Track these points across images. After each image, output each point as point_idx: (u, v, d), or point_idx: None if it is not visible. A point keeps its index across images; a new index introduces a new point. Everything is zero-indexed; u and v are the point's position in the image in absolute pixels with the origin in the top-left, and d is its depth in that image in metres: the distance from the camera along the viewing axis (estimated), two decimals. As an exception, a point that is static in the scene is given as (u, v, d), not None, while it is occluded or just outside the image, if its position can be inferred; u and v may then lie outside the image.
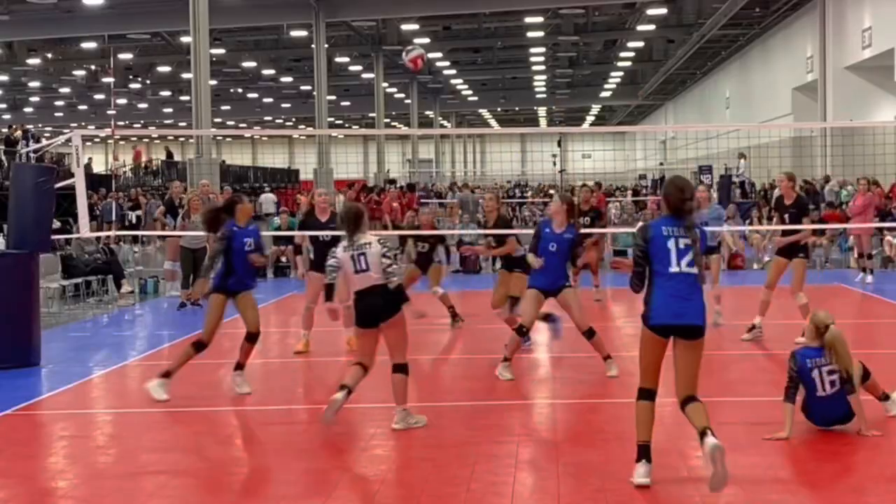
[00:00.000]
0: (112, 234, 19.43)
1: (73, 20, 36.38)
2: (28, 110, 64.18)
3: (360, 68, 50.59)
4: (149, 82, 55.58)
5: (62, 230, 18.98)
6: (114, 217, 25.99)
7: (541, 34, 42.27)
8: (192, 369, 9.04)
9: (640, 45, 46.39)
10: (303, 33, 40.29)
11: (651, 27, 40.44)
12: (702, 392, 8.59)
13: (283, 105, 66.29)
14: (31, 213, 10.69)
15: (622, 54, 48.74)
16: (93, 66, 50.70)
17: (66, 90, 57.48)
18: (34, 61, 47.03)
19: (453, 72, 53.45)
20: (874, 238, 19.05)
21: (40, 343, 10.66)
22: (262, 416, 8.09)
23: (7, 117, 59.37)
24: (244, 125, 73.50)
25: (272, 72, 52.27)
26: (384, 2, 36.28)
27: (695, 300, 5.92)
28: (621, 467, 6.17)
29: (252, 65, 50.02)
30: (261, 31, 44.72)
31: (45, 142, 18.15)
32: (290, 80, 55.31)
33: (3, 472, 6.61)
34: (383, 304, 7.31)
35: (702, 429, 5.80)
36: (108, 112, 58.21)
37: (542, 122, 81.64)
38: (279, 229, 19.15)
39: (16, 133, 29.94)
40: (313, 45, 36.47)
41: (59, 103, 63.75)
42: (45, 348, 10.76)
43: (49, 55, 47.49)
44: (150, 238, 21.91)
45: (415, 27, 40.40)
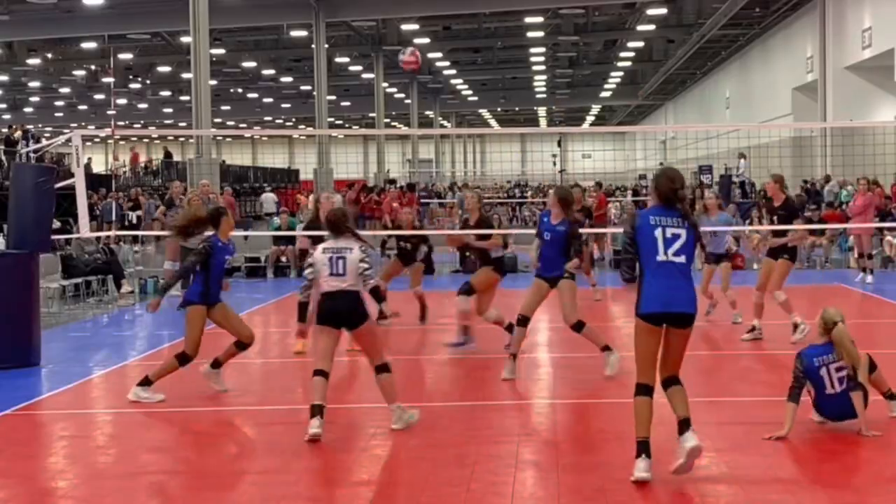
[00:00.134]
0: (112, 234, 19.42)
1: (73, 20, 36.39)
2: (28, 110, 64.19)
3: (360, 68, 50.60)
4: (149, 82, 55.59)
5: (62, 230, 18.98)
6: (114, 217, 25.98)
7: (541, 34, 42.27)
8: (193, 369, 9.03)
9: (640, 45, 46.39)
10: (303, 33, 40.29)
11: (651, 27, 40.44)
12: (701, 392, 8.65)
13: (283, 105, 66.31)
14: (31, 213, 10.69)
15: (622, 54, 48.74)
16: (93, 66, 50.71)
17: (66, 90, 57.49)
18: (34, 61, 47.04)
19: (453, 72, 53.45)
20: (874, 238, 19.04)
21: (40, 343, 10.65)
22: (263, 416, 8.08)
23: (7, 117, 59.37)
24: (244, 125, 73.52)
25: (272, 72, 52.29)
26: (384, 2, 36.29)
27: (684, 288, 5.98)
28: (621, 467, 6.17)
29: (252, 65, 50.03)
30: (261, 31, 44.73)
31: (45, 142, 18.16)
32: (290, 80, 55.32)
33: (3, 472, 6.61)
34: (351, 311, 7.31)
35: (682, 419, 5.97)
36: (108, 112, 58.20)
37: (542, 122, 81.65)
38: (279, 229, 19.16)
39: (16, 133, 29.94)
40: (313, 45, 36.47)
41: (59, 103, 63.76)
42: (45, 348, 10.75)
43: (49, 55, 47.50)
44: (148, 238, 21.91)
45: (415, 27, 40.41)
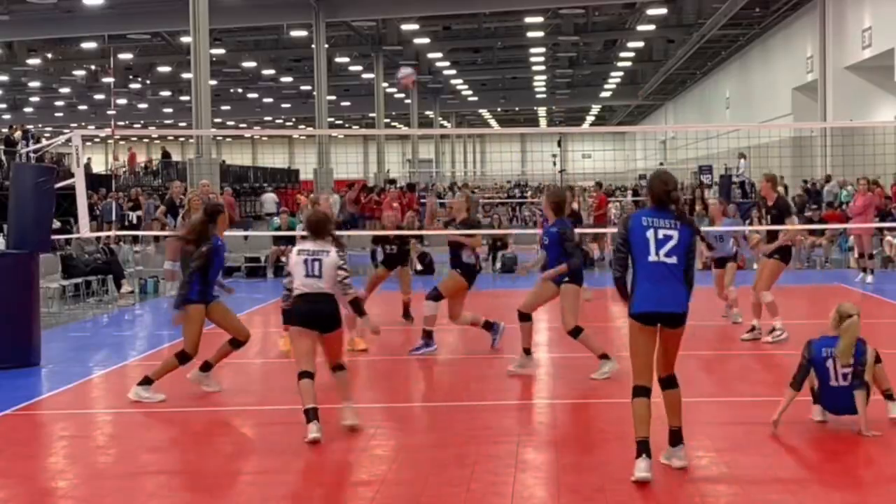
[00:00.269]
0: (112, 234, 19.42)
1: (73, 20, 36.38)
2: (28, 110, 64.18)
3: (360, 68, 50.60)
4: (149, 82, 55.59)
5: (62, 230, 18.97)
6: (114, 217, 25.97)
7: (541, 34, 42.27)
8: (193, 369, 9.04)
9: (640, 45, 46.38)
10: (303, 33, 40.29)
11: (651, 27, 40.44)
12: (701, 392, 8.66)
13: (283, 105, 66.31)
14: (31, 213, 10.68)
15: (622, 54, 48.74)
16: (93, 66, 50.71)
17: (66, 90, 57.49)
18: (34, 61, 47.03)
19: (453, 72, 53.45)
20: (874, 238, 19.04)
21: (40, 343, 10.65)
22: (262, 416, 8.08)
23: (7, 117, 59.37)
24: (244, 125, 73.51)
25: (272, 72, 52.28)
26: (384, 2, 36.29)
27: (674, 288, 6.06)
28: (621, 467, 6.17)
29: (252, 65, 50.02)
30: (261, 31, 44.73)
31: (45, 142, 18.15)
32: (290, 80, 55.32)
33: (3, 472, 6.61)
34: (327, 314, 7.33)
35: (674, 428, 6.15)
36: (108, 112, 58.19)
37: (542, 122, 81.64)
38: (279, 229, 19.14)
39: (15, 133, 29.93)
40: (313, 45, 36.47)
41: (59, 103, 63.75)
42: (45, 348, 10.75)
43: (49, 55, 47.49)
44: (148, 238, 21.90)
45: (415, 27, 40.42)
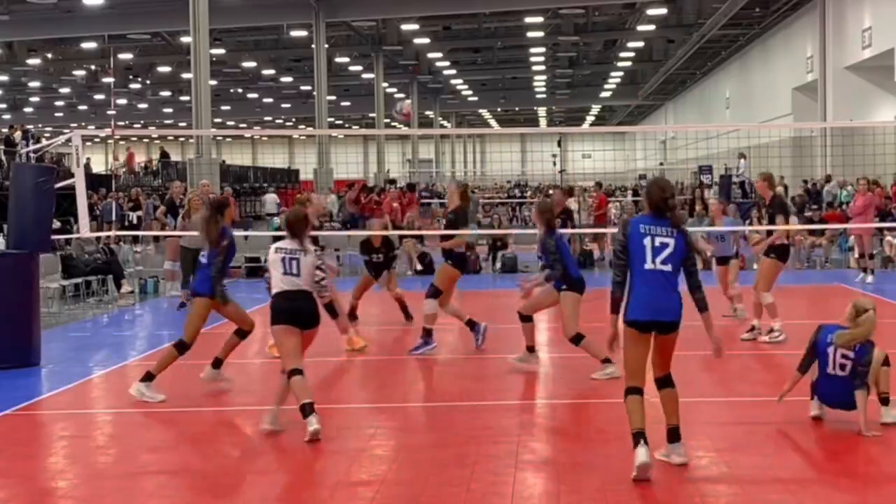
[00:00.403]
0: (112, 234, 19.42)
1: (73, 20, 36.37)
2: (28, 110, 64.18)
3: (360, 68, 50.59)
4: (149, 82, 55.58)
5: (62, 230, 18.97)
6: (114, 217, 25.97)
7: (541, 34, 42.26)
8: (193, 369, 9.05)
9: (640, 45, 46.37)
10: (303, 33, 40.29)
11: (651, 27, 40.43)
12: (701, 392, 8.66)
13: (283, 105, 66.30)
14: (31, 213, 10.68)
15: (622, 54, 48.74)
16: (93, 66, 50.69)
17: (66, 90, 57.48)
18: (34, 61, 47.01)
19: (453, 72, 53.44)
20: (874, 238, 19.03)
21: (40, 343, 10.65)
22: (262, 416, 8.06)
23: (7, 117, 59.37)
24: (244, 125, 73.51)
25: (272, 72, 52.27)
26: (384, 2, 36.29)
27: (670, 296, 6.13)
28: (621, 467, 6.17)
29: (252, 65, 50.01)
30: (261, 31, 44.72)
31: (45, 142, 18.15)
32: (290, 80, 55.32)
33: (3, 472, 6.61)
34: (309, 312, 7.41)
35: (672, 427, 6.22)
36: (108, 112, 58.17)
37: (542, 122, 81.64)
38: (279, 229, 19.18)
39: (15, 133, 29.93)
40: (313, 45, 36.47)
41: (59, 103, 63.74)
42: (45, 348, 10.75)
43: (49, 55, 47.48)
44: (147, 238, 21.90)
45: (415, 27, 40.43)
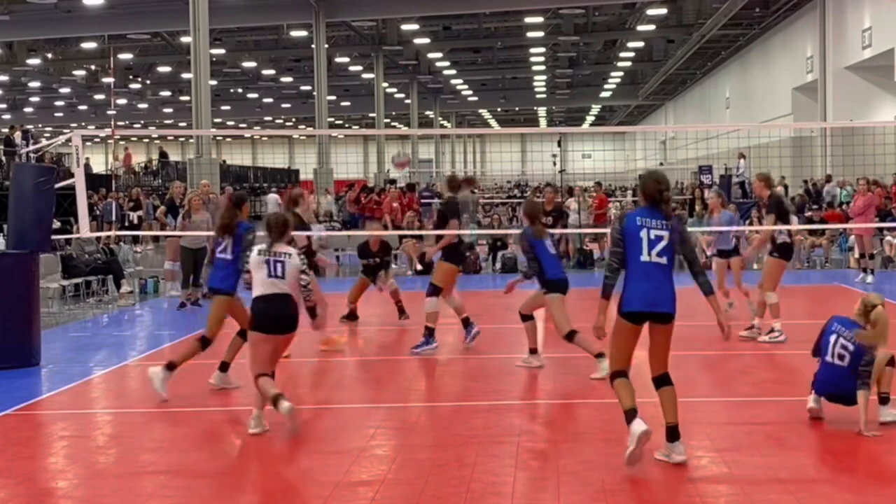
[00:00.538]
0: (112, 234, 19.42)
1: (73, 20, 36.37)
2: (28, 110, 64.19)
3: (360, 68, 50.60)
4: (149, 82, 55.58)
5: (62, 230, 18.97)
6: (114, 217, 25.98)
7: (541, 34, 42.27)
8: (194, 369, 9.05)
9: (640, 45, 46.39)
10: (303, 33, 40.30)
11: (651, 27, 40.44)
12: (701, 392, 8.67)
13: (283, 105, 66.30)
14: (31, 213, 10.68)
15: (622, 54, 48.75)
16: (93, 66, 50.71)
17: (66, 90, 57.47)
18: (34, 61, 47.01)
19: (453, 72, 53.45)
20: (874, 238, 19.03)
21: (40, 343, 10.65)
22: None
23: (7, 117, 59.37)
24: (244, 125, 73.52)
25: (272, 72, 52.28)
26: (384, 2, 36.29)
27: (665, 288, 6.25)
28: (622, 467, 6.17)
29: (252, 65, 50.02)
30: (261, 31, 44.73)
31: (45, 142, 18.16)
32: (290, 80, 55.32)
33: (3, 472, 6.61)
34: (289, 317, 7.43)
35: (671, 425, 6.26)
36: (108, 112, 58.23)
37: (542, 122, 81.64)
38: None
39: (15, 134, 29.94)
40: (313, 45, 36.46)
41: (59, 103, 63.75)
42: (45, 348, 10.75)
43: (49, 55, 47.48)
44: (145, 238, 21.90)
45: (415, 27, 40.44)
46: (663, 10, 37.39)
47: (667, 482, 6.01)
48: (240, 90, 60.75)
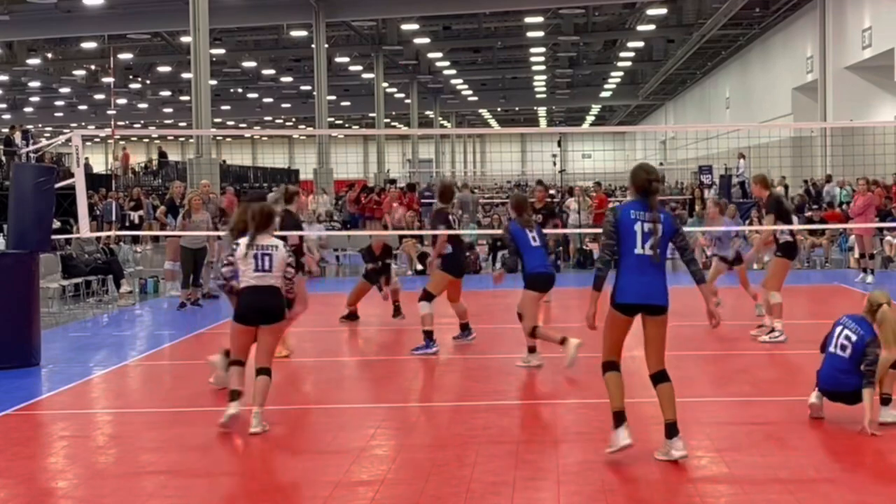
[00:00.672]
0: (112, 234, 19.42)
1: (73, 20, 36.37)
2: (28, 110, 64.19)
3: (360, 68, 50.60)
4: (149, 82, 55.59)
5: (62, 230, 18.97)
6: (114, 217, 25.99)
7: (541, 34, 42.27)
8: (194, 369, 9.05)
9: (640, 45, 46.39)
10: (303, 33, 40.30)
11: (651, 27, 40.45)
12: (702, 392, 8.67)
13: (283, 105, 66.31)
14: (31, 213, 10.68)
15: (622, 54, 48.75)
16: (93, 66, 50.71)
17: (66, 90, 57.47)
18: (34, 61, 47.02)
19: (453, 72, 53.45)
20: (874, 238, 19.02)
21: (40, 343, 10.65)
22: (263, 417, 8.06)
23: (7, 117, 59.36)
24: (244, 125, 73.52)
25: (272, 72, 52.28)
26: (384, 2, 36.30)
27: (657, 281, 6.35)
28: (622, 467, 6.18)
29: (252, 65, 50.02)
30: (261, 31, 44.73)
31: (44, 142, 18.15)
32: (290, 80, 55.32)
33: (3, 472, 6.61)
34: (273, 306, 7.46)
35: (670, 422, 6.29)
36: (108, 112, 58.22)
37: (542, 122, 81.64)
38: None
39: (15, 134, 29.94)
40: (313, 45, 36.47)
41: (59, 103, 63.75)
42: (45, 348, 10.75)
43: (49, 55, 47.48)
44: (144, 238, 21.89)
45: (415, 27, 40.44)
46: (663, 10, 37.39)
47: (667, 482, 6.01)
48: (240, 90, 60.76)
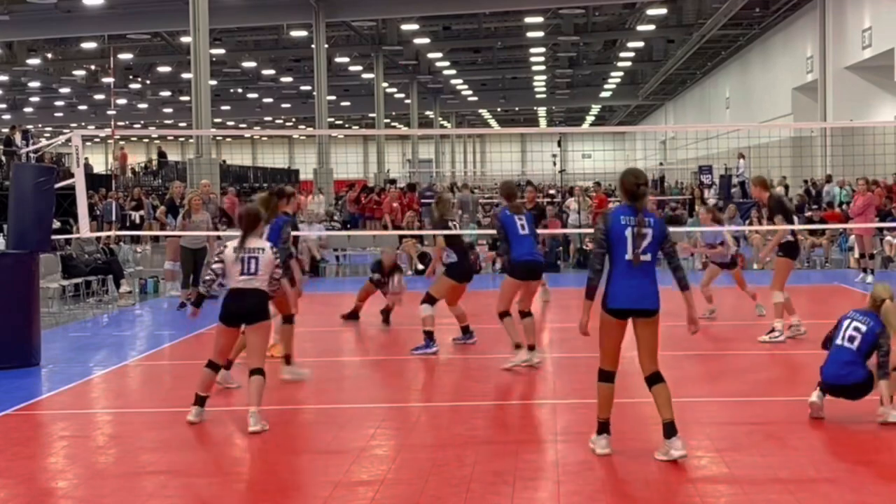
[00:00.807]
0: (112, 234, 19.42)
1: (73, 20, 36.35)
2: (28, 110, 64.17)
3: (360, 68, 50.59)
4: (149, 82, 55.56)
5: (62, 230, 18.97)
6: (114, 217, 25.98)
7: (541, 34, 42.26)
8: (194, 369, 9.04)
9: (640, 45, 46.37)
10: (303, 33, 40.29)
11: (651, 27, 40.43)
12: (702, 392, 8.67)
13: (283, 105, 66.28)
14: (31, 213, 10.68)
15: (622, 54, 48.73)
16: (93, 66, 50.68)
17: (66, 90, 57.45)
18: (34, 61, 47.00)
19: (453, 72, 53.43)
20: (874, 238, 19.02)
21: (40, 343, 10.65)
22: (262, 416, 8.06)
23: (7, 117, 59.35)
24: (244, 125, 73.50)
25: (272, 72, 52.26)
26: (384, 2, 36.28)
27: (648, 285, 6.41)
28: (622, 467, 6.18)
29: (252, 65, 50.00)
30: (261, 31, 44.71)
31: (44, 142, 18.16)
32: (290, 80, 55.30)
33: (3, 472, 6.61)
34: (256, 307, 7.52)
35: (667, 421, 6.32)
36: (108, 112, 58.19)
37: (542, 122, 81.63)
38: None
39: (15, 134, 29.93)
40: (313, 45, 36.45)
41: (59, 103, 63.73)
42: (45, 348, 10.76)
43: (49, 55, 47.46)
44: (144, 238, 21.90)
45: (415, 27, 40.42)
46: (663, 10, 37.37)
47: (667, 482, 6.01)
48: (240, 90, 60.73)
